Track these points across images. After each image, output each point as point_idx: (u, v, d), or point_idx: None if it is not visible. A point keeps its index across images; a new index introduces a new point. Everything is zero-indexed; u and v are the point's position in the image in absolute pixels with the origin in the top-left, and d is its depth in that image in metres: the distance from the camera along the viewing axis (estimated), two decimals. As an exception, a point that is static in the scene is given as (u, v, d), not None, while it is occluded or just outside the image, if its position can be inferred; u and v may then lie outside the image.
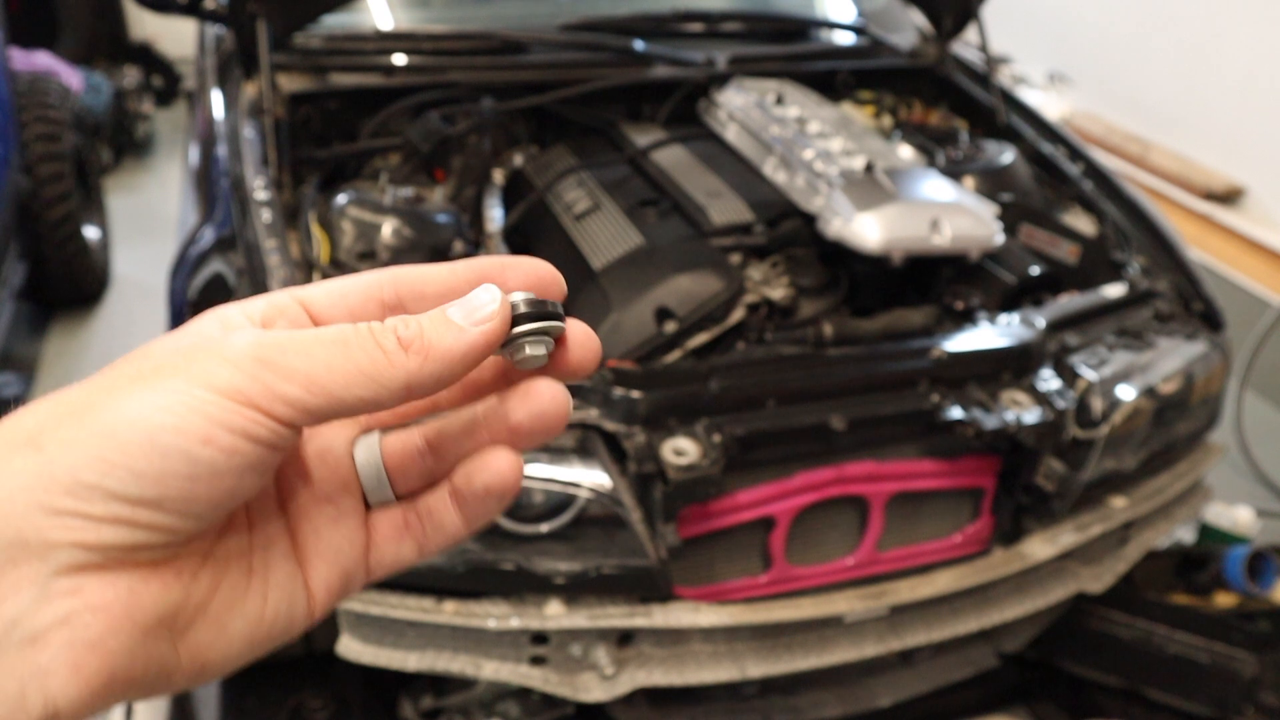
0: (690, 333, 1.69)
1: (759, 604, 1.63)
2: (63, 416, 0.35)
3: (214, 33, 2.40)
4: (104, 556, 0.34)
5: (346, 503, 0.42)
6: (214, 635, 0.38)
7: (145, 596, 0.35)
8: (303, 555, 0.41)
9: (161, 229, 4.08)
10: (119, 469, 0.34)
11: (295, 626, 0.41)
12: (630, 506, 1.49)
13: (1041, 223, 2.06)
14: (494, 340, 0.39)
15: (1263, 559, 2.05)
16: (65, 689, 0.33)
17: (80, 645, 0.33)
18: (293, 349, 0.37)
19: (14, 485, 0.33)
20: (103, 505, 0.34)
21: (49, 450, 0.34)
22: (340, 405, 0.37)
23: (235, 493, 0.36)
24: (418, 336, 0.38)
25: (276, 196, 1.76)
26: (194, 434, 0.34)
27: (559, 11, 2.40)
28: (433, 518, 0.43)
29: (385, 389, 0.37)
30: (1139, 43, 4.21)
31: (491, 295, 0.40)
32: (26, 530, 0.33)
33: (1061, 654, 2.08)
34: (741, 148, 2.08)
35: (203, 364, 0.36)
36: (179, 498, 0.35)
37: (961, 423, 1.60)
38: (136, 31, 5.41)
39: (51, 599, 0.33)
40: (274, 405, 0.36)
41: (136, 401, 0.35)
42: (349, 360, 0.37)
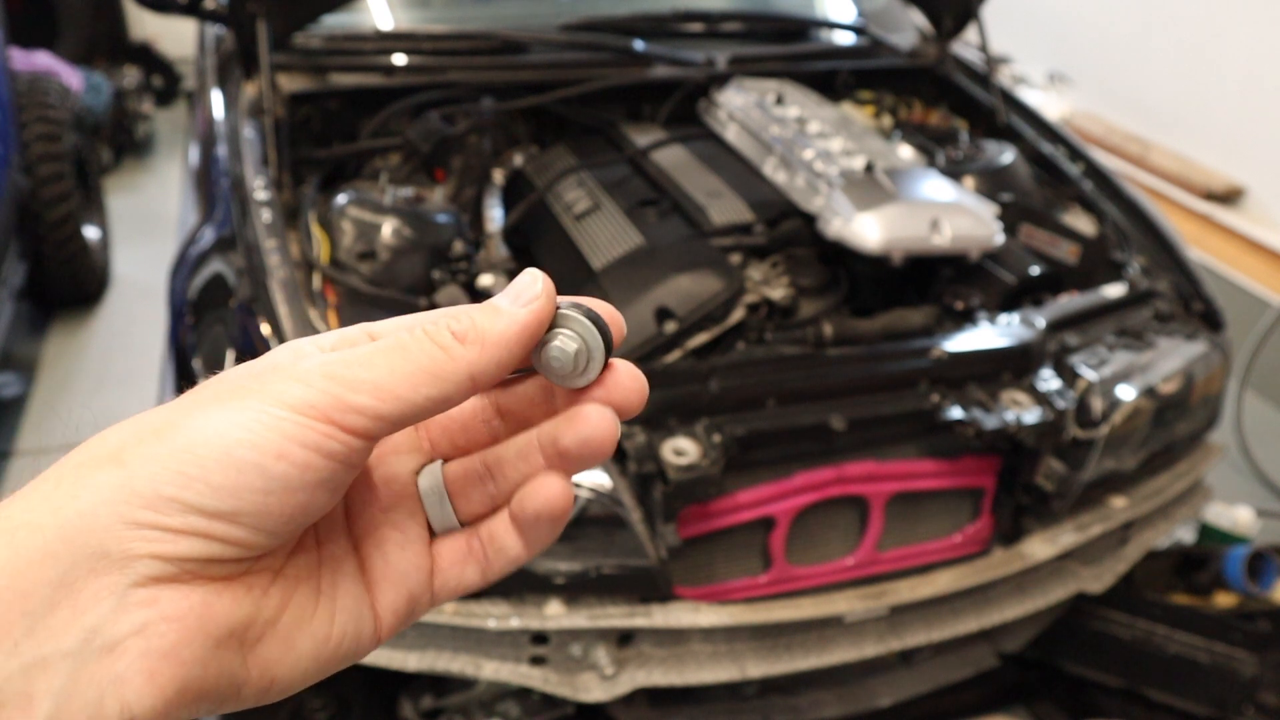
0: (690, 333, 1.69)
1: (759, 604, 1.63)
2: (144, 434, 0.37)
3: (214, 33, 2.40)
4: (180, 569, 0.36)
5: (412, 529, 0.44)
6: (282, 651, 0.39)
7: (218, 609, 0.37)
8: (370, 579, 0.43)
9: (161, 229, 4.08)
10: (197, 483, 0.35)
11: (362, 648, 0.42)
12: (630, 506, 1.49)
13: (1041, 223, 2.06)
14: (543, 317, 0.40)
15: (1263, 559, 2.05)
16: (141, 697, 0.34)
17: (155, 654, 0.35)
18: (357, 361, 0.38)
19: (98, 499, 0.35)
20: (180, 518, 0.35)
21: (131, 466, 0.35)
22: (410, 407, 0.38)
23: (308, 509, 0.38)
24: (471, 327, 0.40)
25: (276, 196, 1.76)
26: (269, 449, 0.36)
27: (559, 11, 2.40)
28: (495, 541, 0.44)
29: (450, 383, 0.39)
30: (1139, 43, 4.21)
31: (534, 277, 0.41)
32: (109, 542, 0.34)
33: (1061, 654, 2.08)
34: (741, 148, 2.08)
35: (276, 384, 0.37)
36: (253, 512, 0.36)
37: (961, 423, 1.60)
38: (136, 31, 5.41)
39: (129, 609, 0.35)
40: (346, 416, 0.37)
41: (214, 420, 0.36)
42: (410, 362, 0.38)
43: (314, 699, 1.90)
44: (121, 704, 0.34)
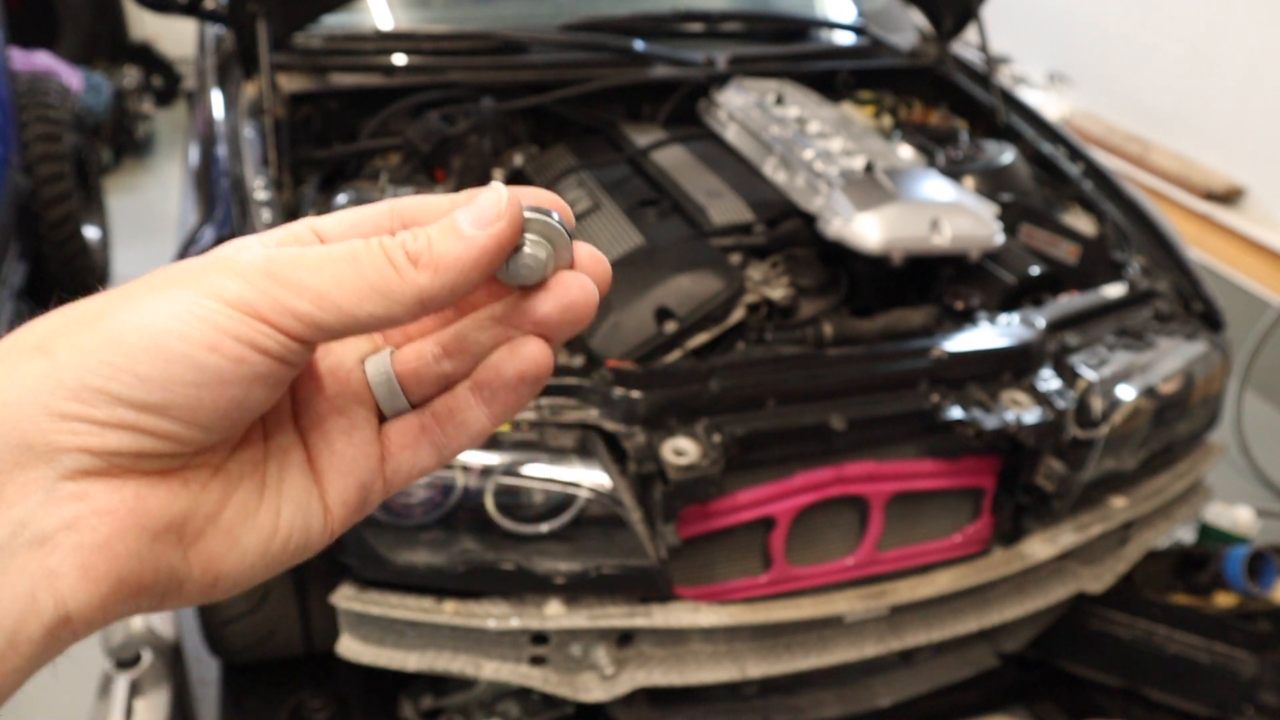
0: (690, 333, 1.69)
1: (759, 604, 1.63)
2: (73, 324, 0.35)
3: (214, 33, 2.40)
4: (109, 463, 0.34)
5: (359, 414, 0.42)
6: (226, 547, 0.38)
7: (151, 502, 0.35)
8: (318, 470, 0.41)
9: (161, 229, 4.08)
10: (125, 374, 0.34)
11: (313, 542, 0.41)
12: (630, 506, 1.49)
13: (1041, 223, 2.06)
14: (505, 243, 0.38)
15: (1263, 559, 2.05)
16: (75, 591, 0.33)
17: (88, 548, 0.34)
18: (303, 264, 0.36)
19: (21, 389, 0.34)
20: (108, 410, 0.34)
21: (57, 356, 0.34)
22: (352, 321, 0.37)
23: (243, 404, 0.36)
24: (426, 249, 0.37)
25: (276, 196, 1.76)
26: (200, 341, 0.34)
27: (559, 11, 2.40)
28: (453, 417, 0.42)
29: (398, 304, 0.37)
30: (1139, 43, 4.21)
31: (499, 195, 0.38)
32: (33, 434, 0.33)
33: (1061, 654, 2.08)
34: (741, 148, 2.08)
35: (212, 276, 0.36)
36: (185, 405, 0.35)
37: (961, 423, 1.60)
38: (136, 31, 5.41)
39: (58, 503, 0.34)
40: (283, 319, 0.36)
41: (145, 309, 0.35)
42: (359, 276, 0.37)
43: (314, 699, 1.91)
44: (56, 598, 0.33)
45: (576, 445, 1.50)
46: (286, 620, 1.78)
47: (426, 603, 1.54)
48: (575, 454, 1.50)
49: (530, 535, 1.49)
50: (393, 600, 1.54)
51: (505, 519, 1.48)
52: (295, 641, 1.81)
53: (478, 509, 1.47)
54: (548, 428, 1.51)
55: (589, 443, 1.51)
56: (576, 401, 1.53)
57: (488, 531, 1.49)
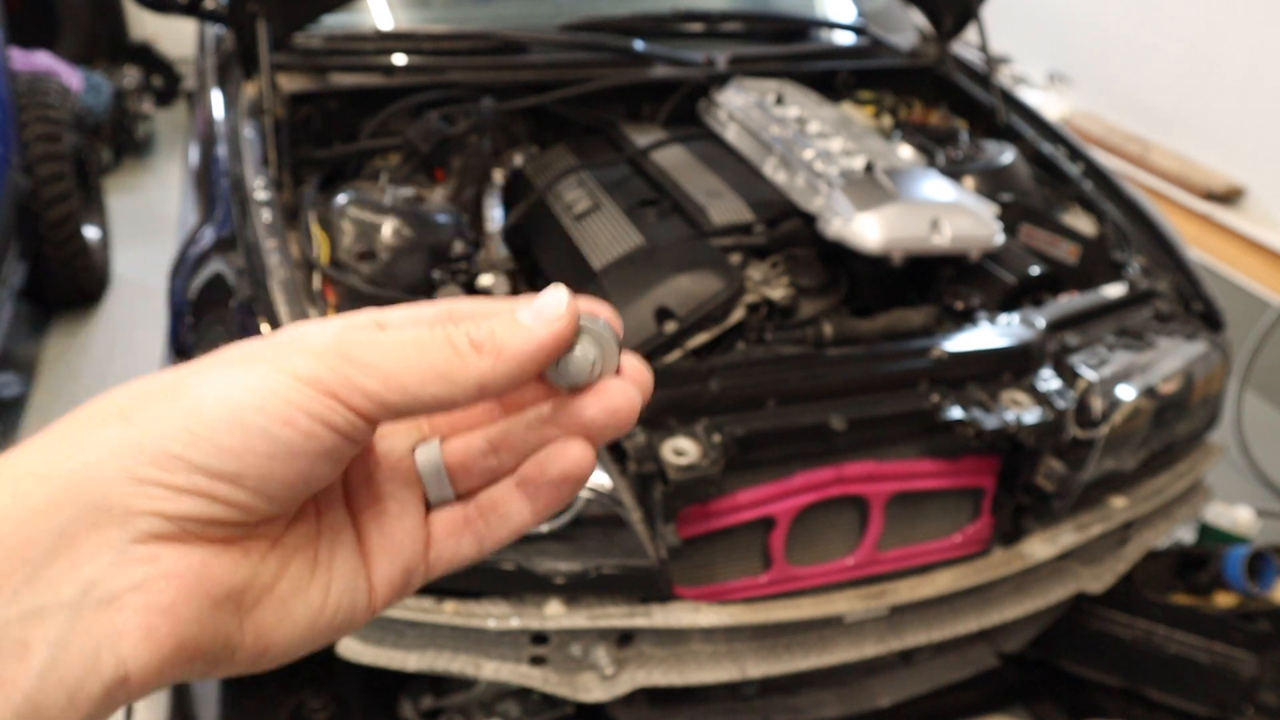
0: (690, 333, 1.69)
1: (759, 604, 1.63)
2: (153, 394, 0.37)
3: (214, 33, 2.40)
4: (180, 528, 0.36)
5: (409, 501, 0.44)
6: (278, 618, 0.40)
7: (217, 569, 0.37)
8: (366, 551, 0.43)
9: (161, 229, 4.08)
10: (203, 442, 0.36)
11: (357, 618, 0.43)
12: (630, 506, 1.49)
13: (1041, 223, 2.06)
14: (563, 340, 0.40)
15: (1263, 559, 2.05)
16: (137, 652, 0.34)
17: (153, 610, 0.35)
18: (373, 346, 0.39)
19: (103, 453, 0.35)
20: (185, 476, 0.35)
21: (138, 423, 0.36)
22: (415, 402, 0.39)
23: (310, 477, 0.38)
24: (489, 338, 0.40)
25: (276, 196, 1.76)
26: (275, 415, 0.36)
27: (559, 11, 2.40)
28: (496, 510, 0.44)
29: (459, 387, 0.39)
30: (1139, 43, 4.21)
31: (560, 297, 0.41)
32: (111, 496, 0.35)
33: (1061, 654, 2.08)
34: (741, 148, 2.08)
35: (287, 353, 0.38)
36: (257, 475, 0.36)
37: (961, 423, 1.60)
38: (136, 31, 5.41)
39: (129, 564, 0.35)
40: (352, 396, 0.38)
41: (223, 383, 0.37)
42: (425, 359, 0.39)
43: (314, 699, 1.91)
44: (118, 658, 0.34)
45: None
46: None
47: (426, 603, 1.54)
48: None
49: (530, 535, 1.49)
50: (393, 600, 1.54)
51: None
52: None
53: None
54: (548, 428, 1.51)
55: (589, 443, 1.51)
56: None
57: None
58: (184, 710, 1.88)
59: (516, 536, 0.45)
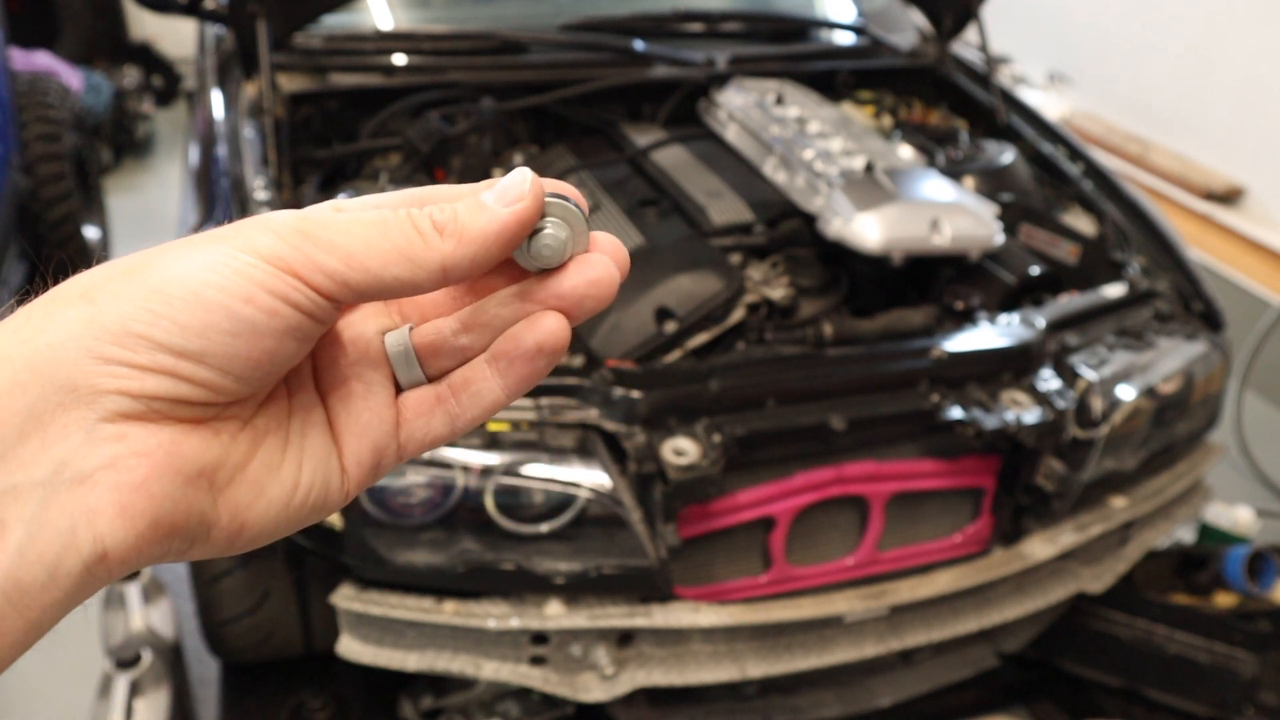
0: (690, 333, 1.69)
1: (759, 604, 1.63)
2: (115, 274, 0.37)
3: (214, 33, 2.40)
4: (147, 407, 0.36)
5: (377, 381, 0.44)
6: (252, 496, 0.40)
7: (186, 446, 0.37)
8: (336, 431, 0.43)
9: (161, 229, 4.08)
10: (165, 320, 0.36)
11: (331, 500, 0.43)
12: (630, 506, 1.49)
13: (1041, 223, 2.06)
14: (526, 220, 0.40)
15: (1263, 559, 2.05)
16: (113, 528, 0.35)
17: (126, 487, 0.35)
18: (335, 225, 0.38)
19: (66, 334, 0.35)
20: (148, 355, 0.36)
21: (100, 303, 0.36)
22: (377, 283, 0.38)
23: (275, 356, 0.38)
24: (451, 220, 0.39)
25: (276, 196, 1.76)
26: (237, 292, 0.36)
27: (559, 11, 2.40)
28: (468, 387, 0.44)
29: (422, 269, 0.39)
30: (1139, 43, 4.21)
31: (523, 176, 0.40)
32: (76, 376, 0.35)
33: (1061, 654, 2.08)
34: (741, 148, 2.08)
35: (249, 232, 0.38)
36: (221, 353, 0.37)
37: (961, 423, 1.60)
38: (136, 31, 5.41)
39: (98, 443, 0.35)
40: (314, 275, 0.37)
41: (185, 261, 0.37)
42: (387, 240, 0.38)
43: (314, 699, 1.91)
44: (94, 534, 0.35)
45: (576, 445, 1.50)
46: (286, 620, 1.78)
47: (426, 603, 1.54)
48: (575, 454, 1.50)
49: (530, 535, 1.49)
50: (393, 600, 1.54)
51: (505, 519, 1.48)
52: (295, 641, 1.81)
53: (478, 509, 1.47)
54: (548, 428, 1.52)
55: (589, 443, 1.51)
56: (576, 401, 1.53)
57: (488, 531, 1.49)
58: (184, 710, 1.88)
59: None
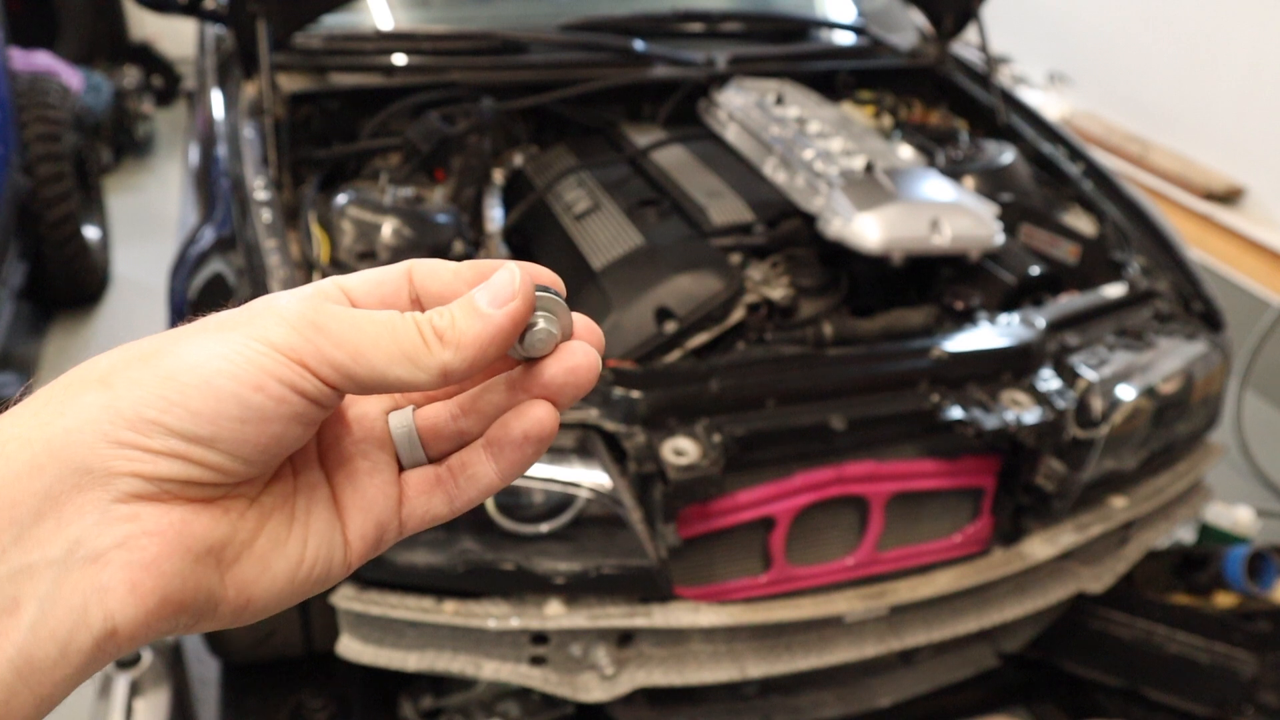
0: (690, 333, 1.69)
1: (759, 604, 1.63)
2: (132, 360, 0.39)
3: (214, 33, 2.40)
4: (159, 488, 0.37)
5: (381, 459, 0.46)
6: (258, 572, 0.41)
7: (196, 526, 0.38)
8: (341, 507, 0.45)
9: (161, 229, 4.08)
10: (178, 407, 0.37)
11: (334, 573, 0.44)
12: (630, 506, 1.49)
13: (1041, 223, 2.06)
14: (519, 320, 0.42)
15: (1263, 559, 2.05)
16: (124, 605, 0.36)
17: (137, 566, 0.36)
18: (346, 320, 0.40)
19: (84, 418, 0.37)
20: (161, 440, 0.37)
21: (117, 389, 0.37)
22: (381, 380, 0.40)
23: (282, 440, 0.40)
24: (450, 326, 0.41)
25: (276, 196, 1.76)
26: (247, 381, 0.38)
27: (559, 11, 2.40)
28: (466, 470, 0.46)
29: (423, 372, 0.41)
30: (1139, 43, 4.21)
31: (512, 275, 0.42)
32: (92, 459, 0.36)
33: (1061, 654, 2.08)
34: (741, 148, 2.08)
35: (261, 321, 0.40)
36: (230, 438, 0.38)
37: (961, 423, 1.60)
38: (136, 31, 5.41)
39: (111, 523, 0.36)
40: (321, 366, 0.39)
41: (198, 349, 0.38)
42: (394, 341, 0.40)
43: (314, 699, 1.91)
44: (105, 612, 0.36)
45: (576, 445, 1.50)
46: (286, 620, 1.78)
47: (426, 603, 1.54)
48: (575, 454, 1.50)
49: (530, 535, 1.49)
50: (393, 600, 1.54)
51: (505, 519, 1.48)
52: (295, 641, 1.81)
53: (478, 509, 1.47)
54: (548, 428, 1.51)
55: (589, 443, 1.51)
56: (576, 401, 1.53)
57: (488, 531, 1.49)
58: (184, 710, 1.88)
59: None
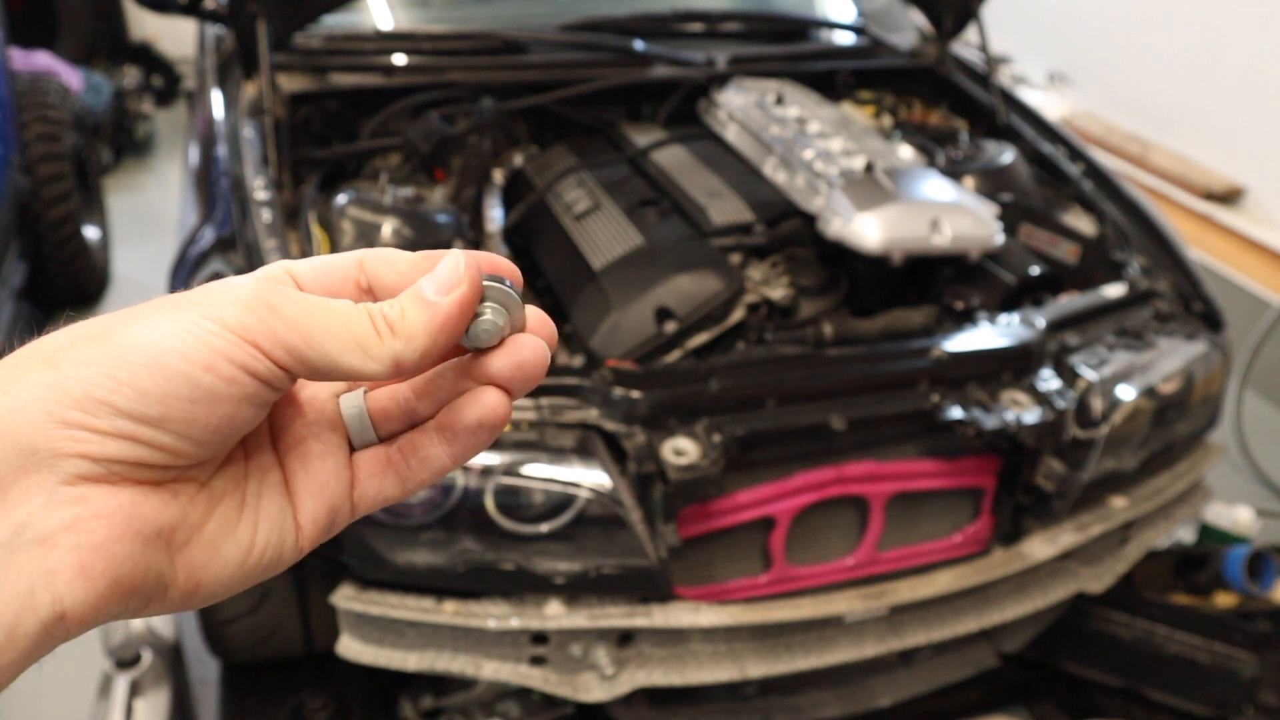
0: (690, 333, 1.69)
1: (759, 604, 1.63)
2: (80, 339, 0.38)
3: (214, 33, 2.40)
4: (108, 470, 0.37)
5: (332, 442, 0.45)
6: (208, 556, 0.41)
7: (145, 509, 0.38)
8: (292, 491, 0.44)
9: (161, 229, 4.08)
10: (126, 387, 0.36)
11: (285, 556, 0.44)
12: (630, 506, 1.49)
13: (1041, 223, 2.06)
14: (466, 305, 0.41)
15: (1263, 559, 2.05)
16: (72, 589, 0.35)
17: (86, 548, 0.36)
18: (301, 305, 0.40)
19: (29, 397, 0.36)
20: (109, 420, 0.36)
21: (64, 368, 0.37)
22: (333, 367, 0.40)
23: (233, 421, 0.39)
24: (400, 318, 0.41)
25: (276, 196, 1.76)
26: (198, 360, 0.37)
27: (559, 11, 2.40)
28: (418, 452, 0.45)
29: (376, 362, 0.40)
30: (1139, 43, 4.21)
31: (455, 261, 0.42)
32: (38, 440, 0.36)
33: (1061, 654, 2.08)
34: (741, 148, 2.08)
35: (214, 300, 0.39)
36: (180, 419, 0.37)
37: (961, 423, 1.60)
38: (136, 31, 5.41)
39: (59, 505, 0.36)
40: (274, 348, 0.39)
41: (148, 328, 0.38)
42: (347, 329, 0.40)
43: (314, 699, 1.91)
44: (53, 595, 0.35)
45: (576, 445, 1.50)
46: (286, 620, 1.78)
47: (426, 603, 1.54)
48: (575, 454, 1.50)
49: (530, 535, 1.49)
50: (393, 600, 1.54)
51: (505, 519, 1.48)
52: (295, 641, 1.81)
53: (478, 509, 1.47)
54: (548, 428, 1.51)
55: (589, 443, 1.51)
56: (576, 401, 1.53)
57: (488, 531, 1.49)
58: (184, 710, 1.88)
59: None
